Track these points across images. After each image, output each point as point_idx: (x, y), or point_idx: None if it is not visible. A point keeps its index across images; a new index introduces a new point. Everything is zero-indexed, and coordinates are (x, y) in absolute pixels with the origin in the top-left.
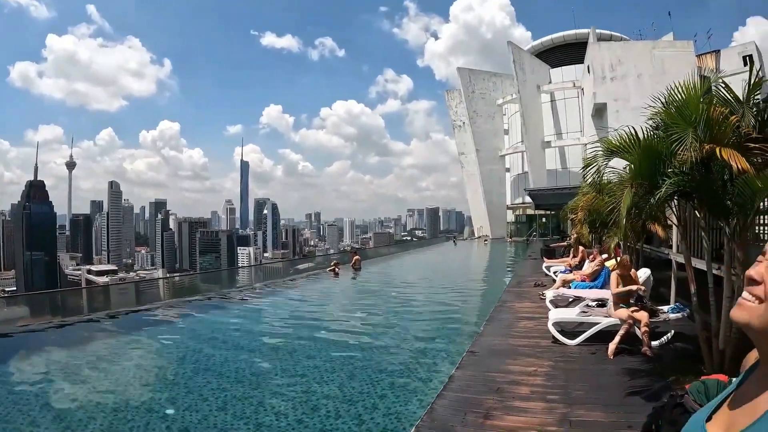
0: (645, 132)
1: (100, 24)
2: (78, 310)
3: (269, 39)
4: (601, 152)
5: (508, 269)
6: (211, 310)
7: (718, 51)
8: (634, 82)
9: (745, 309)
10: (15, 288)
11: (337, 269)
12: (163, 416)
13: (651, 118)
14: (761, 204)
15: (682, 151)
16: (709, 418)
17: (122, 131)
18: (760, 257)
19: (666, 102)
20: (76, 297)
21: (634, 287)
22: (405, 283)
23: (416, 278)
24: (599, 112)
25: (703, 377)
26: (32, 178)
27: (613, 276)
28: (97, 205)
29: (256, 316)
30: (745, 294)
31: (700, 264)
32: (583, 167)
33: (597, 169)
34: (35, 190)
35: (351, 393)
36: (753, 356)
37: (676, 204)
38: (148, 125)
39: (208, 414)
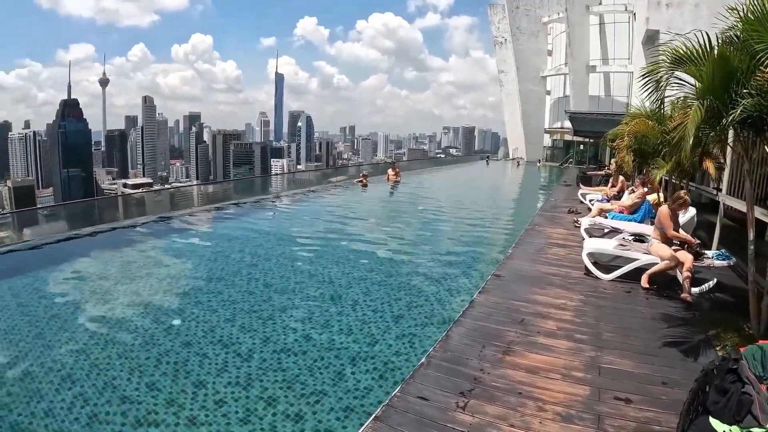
0: (719, 40)
1: None
2: (113, 219)
3: None
4: (665, 60)
5: (540, 193)
6: (236, 218)
7: None
8: (690, 11)
9: None
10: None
11: (365, 181)
12: (168, 328)
13: (726, 32)
14: None
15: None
16: None
17: (154, 46)
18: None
19: (744, 12)
20: (111, 206)
21: (692, 240)
22: (434, 199)
23: (446, 195)
24: (650, 39)
25: (760, 341)
26: (66, 98)
27: (665, 211)
28: (131, 121)
29: (278, 226)
30: None
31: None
32: (641, 75)
33: (658, 82)
34: (69, 109)
35: (365, 311)
36: None
37: (742, 137)
38: (180, 39)
39: (215, 326)
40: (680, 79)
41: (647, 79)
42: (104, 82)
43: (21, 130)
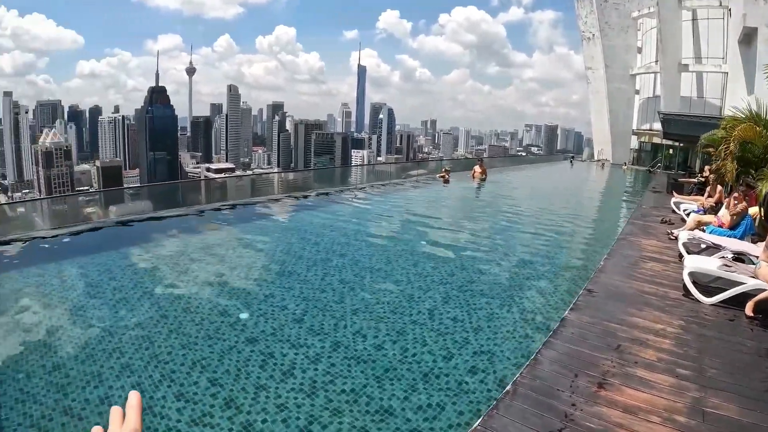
0: None
1: None
2: (194, 202)
3: None
4: None
5: (629, 199)
6: (314, 209)
7: None
8: None
9: None
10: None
11: (447, 176)
12: (234, 322)
13: None
14: None
15: None
16: None
17: (239, 37)
18: None
19: None
20: (194, 189)
21: None
22: (518, 200)
23: (530, 196)
24: (748, 37)
25: None
26: (154, 85)
27: None
28: (216, 108)
29: (357, 218)
30: None
31: None
32: None
33: None
34: (157, 95)
35: (443, 320)
36: None
37: None
38: (264, 31)
39: (284, 324)
40: None
41: None
42: (191, 71)
43: (111, 114)
